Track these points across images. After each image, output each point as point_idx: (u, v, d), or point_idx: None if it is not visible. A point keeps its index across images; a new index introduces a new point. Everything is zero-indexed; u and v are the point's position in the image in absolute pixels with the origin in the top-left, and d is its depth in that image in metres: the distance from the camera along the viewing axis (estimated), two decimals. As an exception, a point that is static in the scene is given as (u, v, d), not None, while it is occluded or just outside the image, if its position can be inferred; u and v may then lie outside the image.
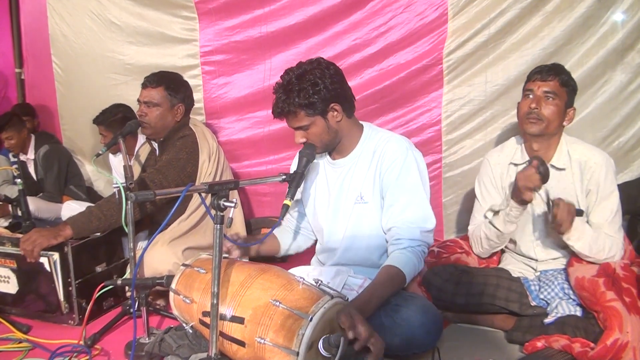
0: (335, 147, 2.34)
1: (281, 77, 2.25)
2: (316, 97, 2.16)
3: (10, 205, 3.45)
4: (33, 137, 4.45)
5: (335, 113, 2.24)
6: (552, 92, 2.35)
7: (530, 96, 2.39)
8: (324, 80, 2.17)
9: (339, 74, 2.26)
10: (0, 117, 4.38)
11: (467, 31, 3.03)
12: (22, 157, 4.45)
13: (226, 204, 1.78)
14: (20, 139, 4.37)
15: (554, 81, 2.34)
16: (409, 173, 2.23)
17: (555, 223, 2.22)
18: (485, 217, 2.54)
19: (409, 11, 3.15)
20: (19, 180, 2.93)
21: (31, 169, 4.44)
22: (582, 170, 2.39)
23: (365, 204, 2.30)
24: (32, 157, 4.42)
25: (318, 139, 2.25)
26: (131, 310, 2.54)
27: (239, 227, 3.01)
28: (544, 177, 2.24)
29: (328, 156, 2.43)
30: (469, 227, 2.66)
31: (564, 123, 2.41)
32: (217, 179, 2.96)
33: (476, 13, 3.02)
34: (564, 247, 2.39)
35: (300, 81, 2.17)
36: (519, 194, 2.29)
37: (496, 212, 2.47)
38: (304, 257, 2.69)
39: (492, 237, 2.50)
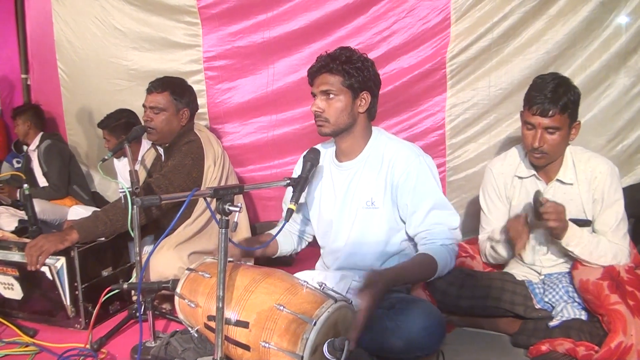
0: (343, 134, 2.35)
1: (330, 51, 2.33)
2: (358, 73, 2.24)
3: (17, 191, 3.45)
4: (41, 134, 4.51)
5: (363, 102, 2.29)
6: (553, 126, 2.31)
7: (532, 130, 2.36)
8: (370, 67, 2.29)
9: (379, 77, 2.37)
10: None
11: (470, 35, 3.03)
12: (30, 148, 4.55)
13: (231, 208, 1.80)
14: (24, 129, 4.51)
15: (555, 115, 2.28)
16: (426, 179, 2.27)
17: (548, 222, 2.25)
18: (489, 240, 2.55)
19: (411, 15, 3.15)
20: (25, 185, 2.94)
21: (36, 162, 4.50)
22: (589, 181, 2.40)
23: (375, 209, 2.31)
24: (34, 149, 4.49)
25: (335, 115, 2.28)
26: (137, 314, 2.55)
27: (244, 231, 3.02)
28: (535, 219, 2.30)
29: (334, 159, 2.44)
30: (479, 237, 2.67)
31: (570, 141, 2.41)
32: (223, 183, 2.97)
33: (479, 17, 3.02)
34: (568, 254, 2.39)
35: (351, 55, 2.27)
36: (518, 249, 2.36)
37: (497, 241, 2.48)
38: (309, 261, 2.70)
39: (497, 258, 2.55)
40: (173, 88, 3.01)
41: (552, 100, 2.28)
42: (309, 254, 2.74)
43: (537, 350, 2.17)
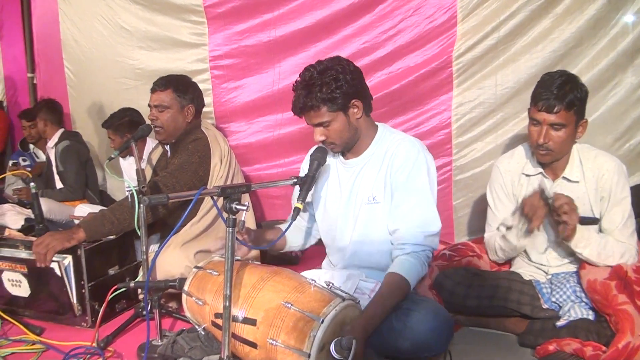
0: (354, 145, 2.33)
1: (301, 74, 2.25)
2: (338, 92, 2.17)
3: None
4: (61, 131, 4.51)
5: (356, 110, 2.25)
6: (559, 123, 2.29)
7: (537, 126, 2.35)
8: (345, 75, 2.19)
9: (358, 71, 2.27)
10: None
11: (477, 34, 3.02)
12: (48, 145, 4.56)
13: (238, 207, 1.80)
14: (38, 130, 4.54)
15: (560, 111, 2.27)
16: (419, 174, 2.23)
17: (560, 217, 2.23)
18: (499, 229, 2.54)
19: (418, 14, 3.14)
20: (32, 184, 2.95)
21: (53, 160, 4.50)
22: (597, 179, 2.39)
23: (377, 204, 2.29)
24: (52, 146, 4.48)
25: (338, 136, 2.25)
26: (144, 312, 2.56)
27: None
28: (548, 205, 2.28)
29: (341, 156, 2.43)
30: (485, 235, 2.66)
31: (576, 139, 2.40)
32: (229, 182, 2.98)
33: (485, 16, 3.01)
34: (575, 254, 2.38)
35: (322, 76, 2.17)
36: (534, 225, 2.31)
37: (509, 227, 2.47)
38: (314, 260, 2.70)
39: (506, 249, 2.52)
40: (176, 85, 3.01)
41: (558, 96, 2.27)
42: (315, 253, 2.74)
43: (545, 350, 2.16)
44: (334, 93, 2.16)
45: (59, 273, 2.60)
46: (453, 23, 3.07)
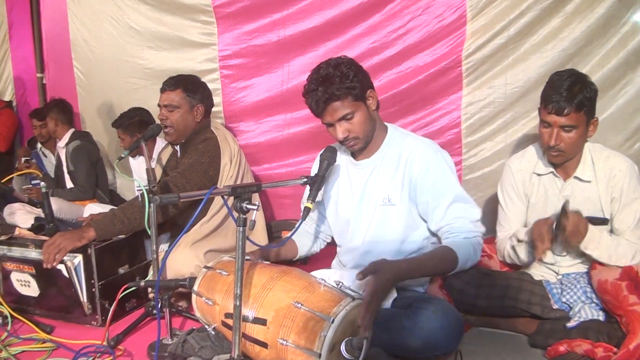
0: (371, 141, 2.33)
1: (312, 75, 2.26)
2: (356, 81, 2.19)
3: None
4: (71, 131, 4.53)
5: (371, 100, 2.27)
6: (570, 125, 2.28)
7: (548, 128, 2.34)
8: (357, 67, 2.23)
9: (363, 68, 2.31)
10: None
11: (487, 33, 3.01)
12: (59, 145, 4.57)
13: (249, 206, 1.80)
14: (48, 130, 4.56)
15: (571, 113, 2.26)
16: (444, 174, 2.26)
17: (566, 234, 2.24)
18: (511, 239, 2.53)
19: (427, 13, 3.14)
20: (42, 183, 2.96)
21: (63, 160, 4.52)
22: (608, 179, 2.37)
23: (392, 206, 2.30)
24: (63, 146, 4.50)
25: (362, 129, 2.25)
26: (154, 311, 2.56)
27: (260, 229, 3.03)
28: (556, 237, 2.27)
29: (351, 157, 2.43)
30: (498, 235, 2.65)
31: (588, 138, 2.38)
32: (239, 182, 2.98)
33: (495, 14, 3.01)
34: (586, 255, 2.37)
35: (337, 69, 2.19)
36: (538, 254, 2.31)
37: (520, 240, 2.46)
38: (325, 260, 2.69)
39: (516, 260, 2.52)
40: (185, 85, 3.02)
41: (568, 98, 2.25)
42: (324, 253, 2.73)
43: (555, 351, 2.14)
44: (354, 82, 2.18)
45: (66, 274, 2.61)
46: (462, 22, 3.06)
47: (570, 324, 2.23)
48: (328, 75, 2.19)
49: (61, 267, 2.60)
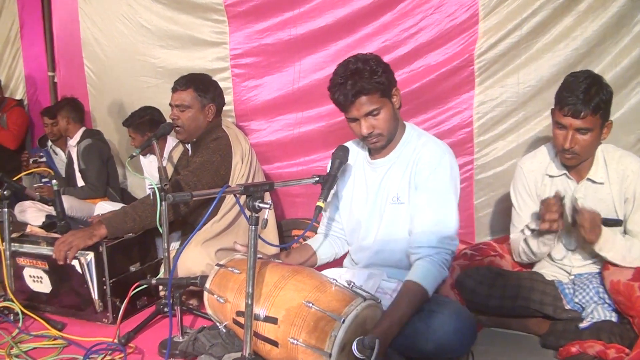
0: (393, 139, 2.33)
1: (340, 68, 2.24)
2: (384, 77, 2.19)
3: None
4: (82, 130, 4.54)
5: (396, 98, 2.27)
6: (585, 128, 2.27)
7: (563, 130, 2.33)
8: (385, 64, 2.23)
9: None
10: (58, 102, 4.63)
11: (499, 32, 2.99)
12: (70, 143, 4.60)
13: (261, 205, 1.80)
14: (59, 128, 4.57)
15: (587, 116, 2.24)
16: (440, 176, 2.22)
17: (580, 231, 2.23)
18: (523, 232, 2.52)
19: (439, 12, 3.11)
20: (54, 181, 2.98)
21: (75, 158, 4.54)
22: (621, 180, 2.36)
23: (401, 205, 2.29)
24: (74, 145, 4.51)
25: (386, 126, 2.24)
26: (165, 309, 2.58)
27: (271, 228, 3.03)
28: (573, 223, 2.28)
29: (368, 156, 2.43)
30: (511, 236, 2.63)
31: (601, 141, 2.36)
32: (250, 180, 2.99)
33: (508, 13, 2.98)
34: (598, 255, 2.35)
35: (365, 64, 2.18)
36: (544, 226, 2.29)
37: (532, 230, 2.45)
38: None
39: (529, 254, 2.50)
40: (197, 84, 3.03)
41: (584, 101, 2.23)
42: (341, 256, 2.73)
43: (567, 351, 2.14)
44: (382, 78, 2.18)
45: (79, 270, 2.62)
46: (475, 21, 3.03)
47: (583, 325, 2.24)
48: (357, 70, 2.17)
49: (75, 262, 2.62)
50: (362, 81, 2.15)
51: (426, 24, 3.16)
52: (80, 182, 4.48)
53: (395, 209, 2.30)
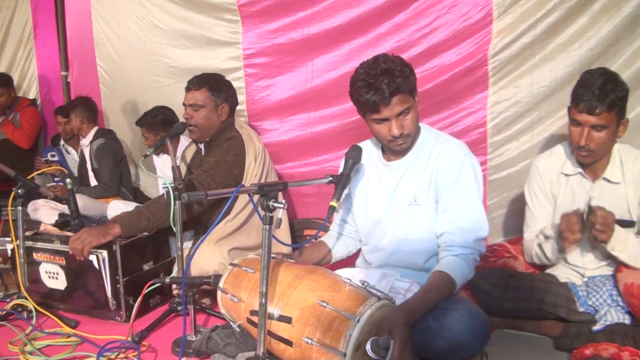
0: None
1: (368, 67, 2.19)
2: (413, 77, 2.19)
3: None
4: (95, 129, 4.56)
5: (417, 98, 2.26)
6: (601, 124, 2.26)
7: (579, 127, 2.32)
8: (409, 64, 2.22)
9: None
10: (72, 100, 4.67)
11: (513, 32, 2.97)
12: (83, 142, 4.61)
13: (276, 204, 1.80)
14: (72, 127, 4.58)
15: (602, 112, 2.23)
16: (466, 178, 2.21)
17: (593, 230, 2.21)
18: (538, 237, 2.51)
19: (453, 12, 3.10)
20: (68, 180, 3.00)
21: (87, 157, 4.55)
22: (636, 180, 2.35)
23: (418, 207, 2.28)
24: (87, 144, 4.53)
25: (413, 127, 2.24)
26: (178, 308, 2.58)
27: (283, 228, 3.02)
28: (586, 227, 2.25)
29: (382, 157, 2.42)
30: (524, 236, 2.63)
31: (617, 138, 2.35)
32: (263, 180, 3.00)
33: (522, 13, 2.96)
34: (612, 256, 2.34)
35: (395, 63, 2.17)
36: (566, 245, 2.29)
37: (547, 237, 2.44)
38: (349, 259, 2.68)
39: (542, 258, 2.49)
40: (210, 84, 3.04)
41: (600, 97, 2.22)
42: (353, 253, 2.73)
43: (581, 354, 2.12)
44: (411, 77, 2.18)
45: (97, 266, 2.64)
46: (489, 21, 3.02)
47: (596, 327, 2.22)
48: (390, 69, 2.14)
49: (92, 258, 2.64)
50: (398, 80, 2.12)
51: (440, 23, 3.15)
52: (93, 182, 4.50)
53: (413, 211, 2.30)
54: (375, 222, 2.41)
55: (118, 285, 2.65)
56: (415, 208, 2.29)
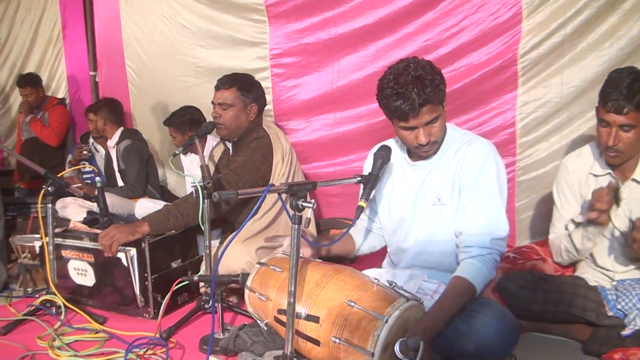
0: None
1: (398, 74, 2.14)
2: (443, 85, 2.16)
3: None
4: (121, 130, 4.59)
5: (445, 104, 2.23)
6: (628, 124, 2.23)
7: (607, 127, 2.29)
8: (439, 70, 2.18)
9: None
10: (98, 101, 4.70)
11: (543, 31, 2.94)
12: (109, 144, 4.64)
13: (305, 204, 1.81)
14: (97, 127, 4.58)
15: (630, 112, 2.20)
16: (488, 177, 2.19)
17: (633, 245, 2.16)
18: (567, 228, 2.47)
19: (482, 11, 3.07)
20: (97, 179, 3.04)
21: (114, 158, 4.59)
22: None
23: (442, 206, 2.26)
24: (113, 145, 4.56)
25: (441, 134, 2.23)
26: (206, 305, 2.61)
27: (310, 227, 3.01)
28: (617, 200, 2.21)
29: (407, 157, 2.40)
30: (550, 236, 2.60)
31: None
32: (290, 180, 3.01)
33: (551, 12, 2.93)
34: None
35: (425, 71, 2.12)
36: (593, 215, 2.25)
37: (577, 224, 2.40)
38: (375, 259, 2.68)
39: (571, 250, 2.45)
40: (240, 84, 3.06)
41: (628, 97, 2.20)
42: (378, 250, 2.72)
43: (610, 359, 2.09)
44: (441, 86, 2.14)
45: (125, 263, 2.67)
46: (518, 20, 2.99)
47: (625, 332, 2.18)
48: (420, 77, 2.10)
49: (121, 255, 2.67)
50: (428, 89, 2.08)
51: (468, 23, 3.12)
52: (120, 182, 4.54)
53: (438, 211, 2.28)
54: (399, 221, 2.39)
55: (146, 283, 2.68)
56: (439, 207, 2.27)
